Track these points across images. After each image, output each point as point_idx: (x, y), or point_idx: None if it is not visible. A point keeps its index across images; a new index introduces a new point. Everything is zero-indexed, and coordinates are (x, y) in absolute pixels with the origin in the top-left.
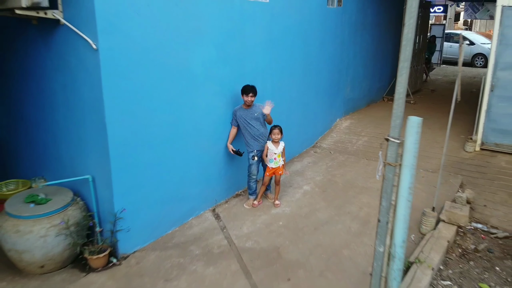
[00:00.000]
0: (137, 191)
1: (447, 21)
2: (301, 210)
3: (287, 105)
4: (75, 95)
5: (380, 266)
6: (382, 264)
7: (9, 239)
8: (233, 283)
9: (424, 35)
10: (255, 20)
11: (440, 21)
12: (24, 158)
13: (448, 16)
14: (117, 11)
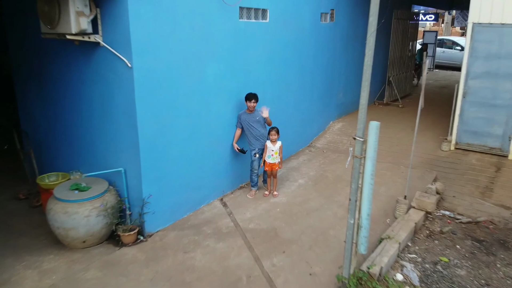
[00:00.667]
0: (160, 181)
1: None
2: (295, 200)
3: (284, 110)
4: (111, 103)
5: (351, 234)
6: (353, 232)
7: (58, 219)
8: (238, 254)
9: (412, 43)
10: (257, 38)
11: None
12: (61, 155)
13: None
14: (148, 36)
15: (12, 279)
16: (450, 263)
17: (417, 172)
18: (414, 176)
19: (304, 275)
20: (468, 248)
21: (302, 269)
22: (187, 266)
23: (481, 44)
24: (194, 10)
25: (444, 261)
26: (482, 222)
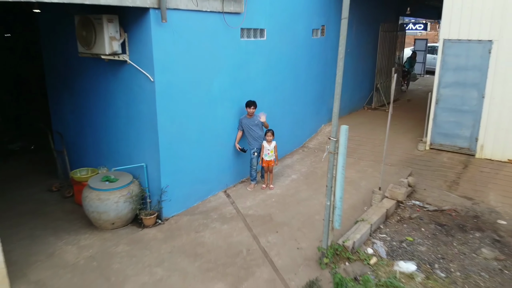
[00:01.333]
0: (175, 174)
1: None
2: (288, 191)
3: (280, 115)
4: (135, 110)
5: (328, 213)
6: (329, 212)
7: (93, 204)
8: (240, 234)
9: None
10: (256, 54)
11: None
12: (90, 153)
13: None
14: (167, 56)
15: (55, 253)
16: (414, 241)
17: (395, 169)
18: (392, 172)
19: (293, 249)
20: (431, 230)
21: (292, 244)
22: (198, 242)
23: (451, 57)
24: (203, 33)
25: (409, 240)
26: (446, 210)
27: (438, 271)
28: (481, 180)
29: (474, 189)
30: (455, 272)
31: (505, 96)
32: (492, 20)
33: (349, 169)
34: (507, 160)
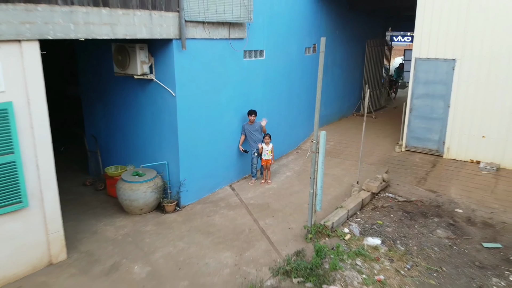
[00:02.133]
0: (191, 170)
1: None
2: (283, 186)
3: (277, 121)
4: (159, 118)
5: (312, 199)
6: (313, 198)
7: (126, 194)
8: (243, 217)
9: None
10: (256, 70)
11: None
12: (119, 153)
13: None
14: (185, 75)
15: (98, 231)
16: (383, 224)
17: (374, 167)
18: (372, 170)
19: (285, 229)
20: (398, 216)
21: (284, 225)
22: (210, 223)
23: (421, 73)
24: (214, 56)
25: (379, 223)
26: (413, 201)
27: (399, 246)
28: (445, 177)
29: (439, 184)
30: (412, 247)
31: (467, 106)
32: (455, 42)
33: (335, 167)
34: (469, 160)
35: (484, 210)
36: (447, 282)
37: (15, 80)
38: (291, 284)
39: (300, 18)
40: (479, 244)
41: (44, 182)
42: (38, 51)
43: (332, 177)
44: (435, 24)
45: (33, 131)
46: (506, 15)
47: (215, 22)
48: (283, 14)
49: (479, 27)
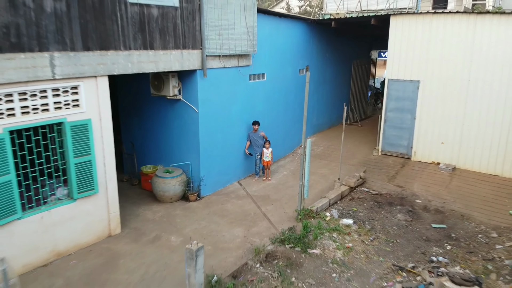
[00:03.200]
0: (208, 169)
1: None
2: (280, 182)
3: (276, 130)
4: (184, 128)
5: (300, 190)
6: (301, 188)
7: (159, 186)
8: (249, 205)
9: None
10: (259, 90)
11: None
12: (151, 155)
13: None
14: (205, 95)
15: (140, 214)
16: (357, 210)
17: (355, 167)
18: (353, 169)
19: (281, 213)
20: (370, 205)
21: (281, 211)
22: (224, 209)
23: (393, 91)
24: (226, 80)
25: (354, 210)
26: (383, 194)
27: (367, 225)
28: (411, 175)
29: (405, 181)
30: (377, 226)
31: (429, 118)
32: (419, 67)
33: (323, 168)
34: (431, 162)
35: (438, 200)
36: (398, 249)
37: (92, 103)
38: (284, 248)
39: (295, 45)
40: (429, 225)
41: (108, 175)
42: (107, 83)
43: (320, 175)
44: (404, 53)
45: (103, 139)
46: (456, 46)
47: (228, 55)
48: (281, 44)
49: (437, 55)
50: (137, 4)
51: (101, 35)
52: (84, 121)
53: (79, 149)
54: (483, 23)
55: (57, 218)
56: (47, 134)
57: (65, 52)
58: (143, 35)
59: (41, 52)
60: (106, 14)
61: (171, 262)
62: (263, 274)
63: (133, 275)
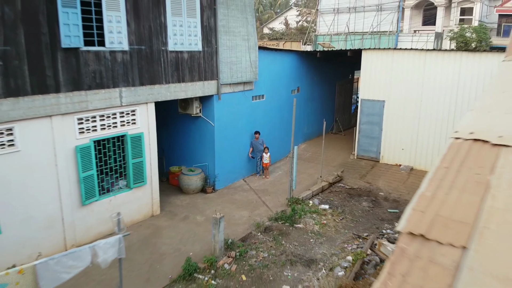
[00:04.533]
0: (221, 168)
1: None
2: (276, 179)
3: (273, 138)
4: (203, 137)
5: (290, 182)
6: (290, 181)
7: (185, 182)
8: (252, 196)
9: (353, 95)
10: (260, 107)
11: None
12: (176, 158)
13: None
14: (220, 113)
15: (171, 202)
16: (333, 200)
17: (335, 168)
18: (333, 169)
19: (276, 201)
20: (343, 196)
21: (276, 199)
22: (233, 198)
23: (365, 108)
24: (235, 101)
25: (331, 199)
26: (355, 188)
27: (339, 209)
28: (378, 174)
29: (373, 179)
30: (346, 210)
31: (392, 130)
32: (384, 89)
33: (310, 169)
34: (395, 164)
35: (396, 193)
36: (360, 226)
37: (144, 122)
38: (278, 224)
39: (288, 71)
40: (386, 210)
41: (152, 172)
42: (154, 108)
43: (307, 174)
44: (372, 78)
45: (150, 147)
46: (411, 75)
47: (236, 83)
48: (276, 71)
49: (398, 81)
50: (174, 51)
51: (150, 74)
52: (138, 134)
53: (135, 153)
54: (431, 58)
55: (119, 201)
56: (115, 143)
57: (128, 87)
58: (178, 72)
59: (114, 88)
60: (154, 60)
61: (198, 232)
62: (263, 239)
63: (173, 239)
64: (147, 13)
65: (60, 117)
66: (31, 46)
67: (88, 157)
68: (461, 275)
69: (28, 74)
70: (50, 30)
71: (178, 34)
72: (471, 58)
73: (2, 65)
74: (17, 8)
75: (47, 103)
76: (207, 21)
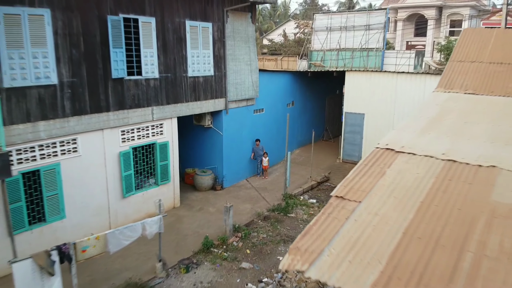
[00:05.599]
0: (228, 169)
1: None
2: (273, 179)
3: (271, 145)
4: (214, 144)
5: (285, 180)
6: (285, 179)
7: (199, 181)
8: (254, 192)
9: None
10: (260, 119)
11: None
12: (191, 161)
13: None
14: (228, 125)
15: (188, 197)
16: (320, 196)
17: (323, 170)
18: (322, 171)
19: (274, 196)
20: (329, 193)
21: (273, 195)
22: (238, 194)
23: (348, 120)
24: (239, 115)
25: (318, 195)
26: None
27: (324, 203)
28: None
29: None
30: None
31: (371, 138)
32: (364, 104)
33: (303, 171)
34: None
35: None
36: None
37: (169, 133)
38: (274, 214)
39: (283, 88)
40: None
41: (175, 172)
42: (176, 121)
43: (299, 175)
44: (355, 95)
45: (173, 152)
46: (386, 92)
47: (240, 99)
48: (274, 88)
49: (375, 97)
50: (192, 76)
51: (174, 95)
52: (165, 142)
53: (162, 157)
54: (401, 79)
55: (149, 195)
56: (147, 149)
57: (158, 106)
58: (195, 93)
59: (147, 107)
60: (177, 84)
61: (212, 220)
62: (262, 225)
63: (192, 225)
64: (172, 49)
65: (109, 130)
66: (90, 77)
67: (128, 160)
68: (355, 212)
69: (88, 98)
70: (104, 65)
71: (195, 63)
72: (433, 79)
73: (70, 92)
74: (81, 50)
75: (101, 120)
76: (217, 51)
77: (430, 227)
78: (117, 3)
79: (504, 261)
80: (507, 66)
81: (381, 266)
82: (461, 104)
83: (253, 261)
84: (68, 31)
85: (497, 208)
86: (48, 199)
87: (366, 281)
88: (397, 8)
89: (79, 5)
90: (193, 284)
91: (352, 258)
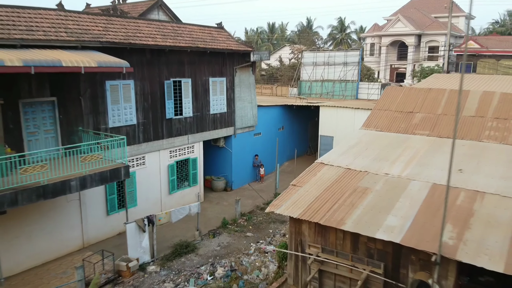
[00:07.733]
0: (236, 176)
1: None
2: (268, 184)
3: (267, 159)
4: (225, 158)
5: (274, 184)
6: (275, 184)
7: (215, 184)
8: (254, 193)
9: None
10: (259, 141)
11: None
12: (209, 170)
13: None
14: (236, 144)
15: (208, 195)
16: None
17: None
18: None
19: (268, 195)
20: None
21: (267, 194)
22: (242, 194)
23: (323, 140)
24: (243, 138)
25: None
26: None
27: None
28: None
29: None
30: None
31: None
32: (333, 129)
33: (291, 178)
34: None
35: None
36: None
37: (197, 151)
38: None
39: (276, 116)
40: None
41: (200, 178)
42: (202, 143)
43: (287, 182)
44: (326, 122)
45: (200, 165)
46: (347, 120)
47: (244, 127)
48: (269, 117)
49: (341, 124)
50: (212, 113)
51: (201, 126)
52: (195, 158)
53: (193, 168)
54: (358, 113)
55: (185, 193)
56: (184, 162)
57: (192, 134)
58: (214, 124)
59: (185, 135)
60: (203, 119)
61: (226, 209)
62: (260, 212)
63: (213, 212)
64: (200, 97)
65: (163, 151)
66: (153, 118)
67: (173, 169)
68: (299, 191)
69: (152, 131)
70: (161, 111)
71: (215, 105)
72: None
73: (143, 128)
74: (149, 102)
75: (158, 144)
76: (229, 95)
77: (331, 196)
78: (169, 72)
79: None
80: (404, 113)
81: (303, 208)
82: (369, 137)
83: (253, 232)
84: (143, 92)
85: (357, 188)
86: (129, 193)
87: (296, 212)
88: (381, 36)
89: (149, 76)
90: (218, 244)
91: (293, 206)
